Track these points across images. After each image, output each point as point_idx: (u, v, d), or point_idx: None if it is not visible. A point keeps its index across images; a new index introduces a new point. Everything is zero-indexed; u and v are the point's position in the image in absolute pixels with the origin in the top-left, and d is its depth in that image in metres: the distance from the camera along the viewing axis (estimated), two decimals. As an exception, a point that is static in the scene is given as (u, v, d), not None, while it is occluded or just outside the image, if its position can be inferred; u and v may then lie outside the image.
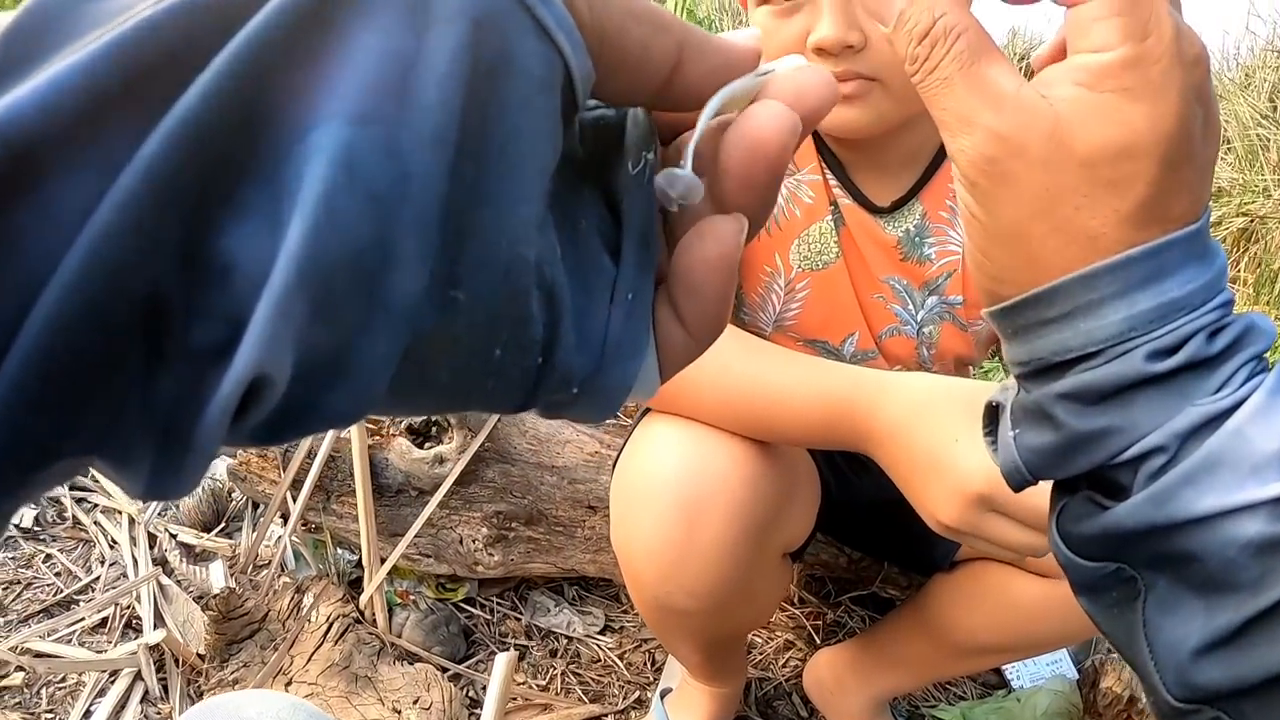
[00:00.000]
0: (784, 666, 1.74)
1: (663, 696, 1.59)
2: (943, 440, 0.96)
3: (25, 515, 2.08)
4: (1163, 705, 0.49)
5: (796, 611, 1.82)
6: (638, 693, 1.70)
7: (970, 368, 1.50)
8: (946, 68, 0.47)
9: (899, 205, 1.26)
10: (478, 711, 1.63)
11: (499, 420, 1.71)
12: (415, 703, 1.54)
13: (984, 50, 0.47)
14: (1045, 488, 0.59)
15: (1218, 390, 0.46)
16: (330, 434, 1.72)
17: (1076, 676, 1.74)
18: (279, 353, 0.22)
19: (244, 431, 0.24)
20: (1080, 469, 0.49)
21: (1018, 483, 0.53)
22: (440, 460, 1.70)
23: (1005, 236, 0.49)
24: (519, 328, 0.27)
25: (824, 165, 1.25)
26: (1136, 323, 0.46)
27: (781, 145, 0.31)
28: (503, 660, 1.35)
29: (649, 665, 1.75)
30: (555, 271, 0.28)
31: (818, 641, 1.77)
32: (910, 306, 1.31)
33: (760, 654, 1.76)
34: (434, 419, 1.74)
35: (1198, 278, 0.47)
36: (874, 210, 1.26)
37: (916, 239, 1.27)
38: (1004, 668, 1.78)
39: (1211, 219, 2.95)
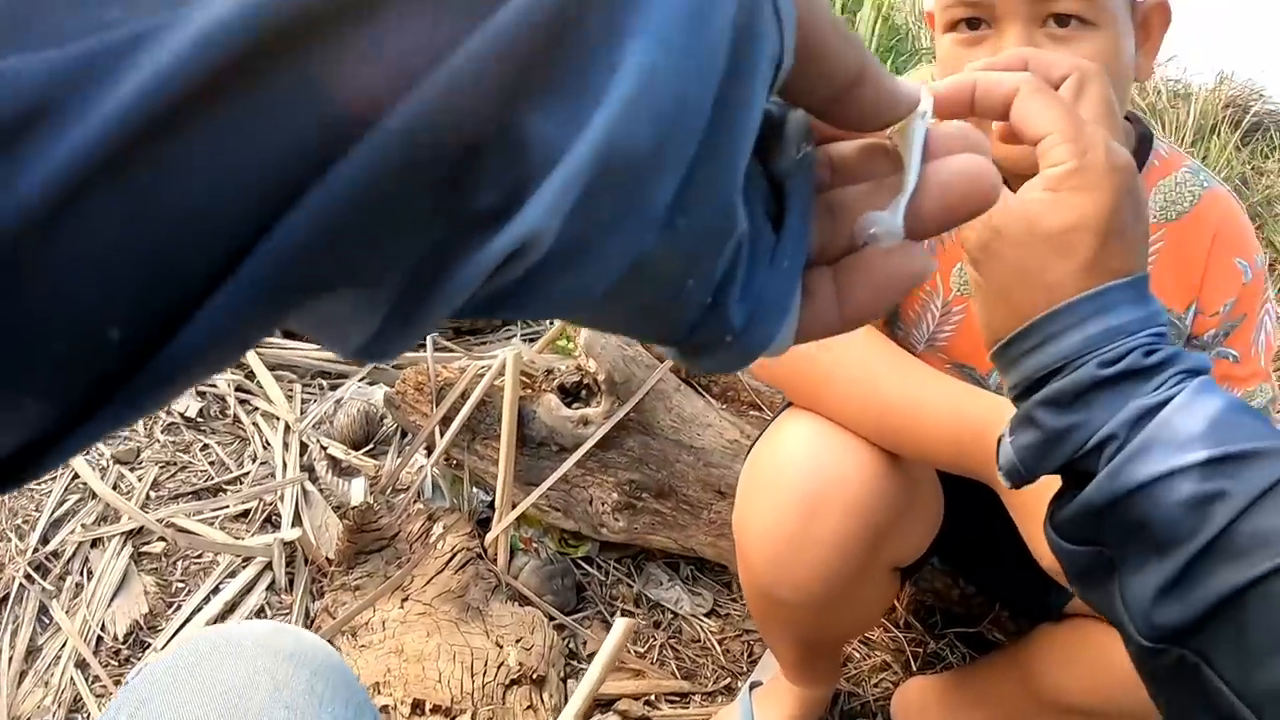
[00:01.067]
0: (875, 685, 1.76)
1: (752, 688, 1.62)
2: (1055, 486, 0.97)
3: (190, 405, 2.21)
4: (1136, 647, 0.64)
5: (899, 634, 1.83)
6: (729, 680, 1.74)
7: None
8: None
9: None
10: (574, 663, 1.69)
11: (647, 394, 1.76)
12: (518, 642, 1.61)
13: None
14: None
15: (1153, 391, 0.64)
16: (486, 378, 1.79)
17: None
18: (552, 220, 0.24)
19: (474, 299, 0.25)
20: (1060, 460, 0.67)
21: (1015, 480, 0.71)
22: (585, 421, 1.76)
23: (996, 295, 0.71)
24: (710, 264, 0.30)
25: None
26: (1089, 343, 0.66)
27: (988, 199, 0.35)
28: (620, 625, 1.39)
29: (746, 655, 1.78)
30: (745, 224, 0.30)
31: (914, 668, 1.77)
32: None
33: (855, 668, 1.78)
34: (586, 381, 1.80)
35: (1136, 313, 0.67)
36: None
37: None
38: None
39: None
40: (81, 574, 1.82)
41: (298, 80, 0.20)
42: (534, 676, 1.56)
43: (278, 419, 2.17)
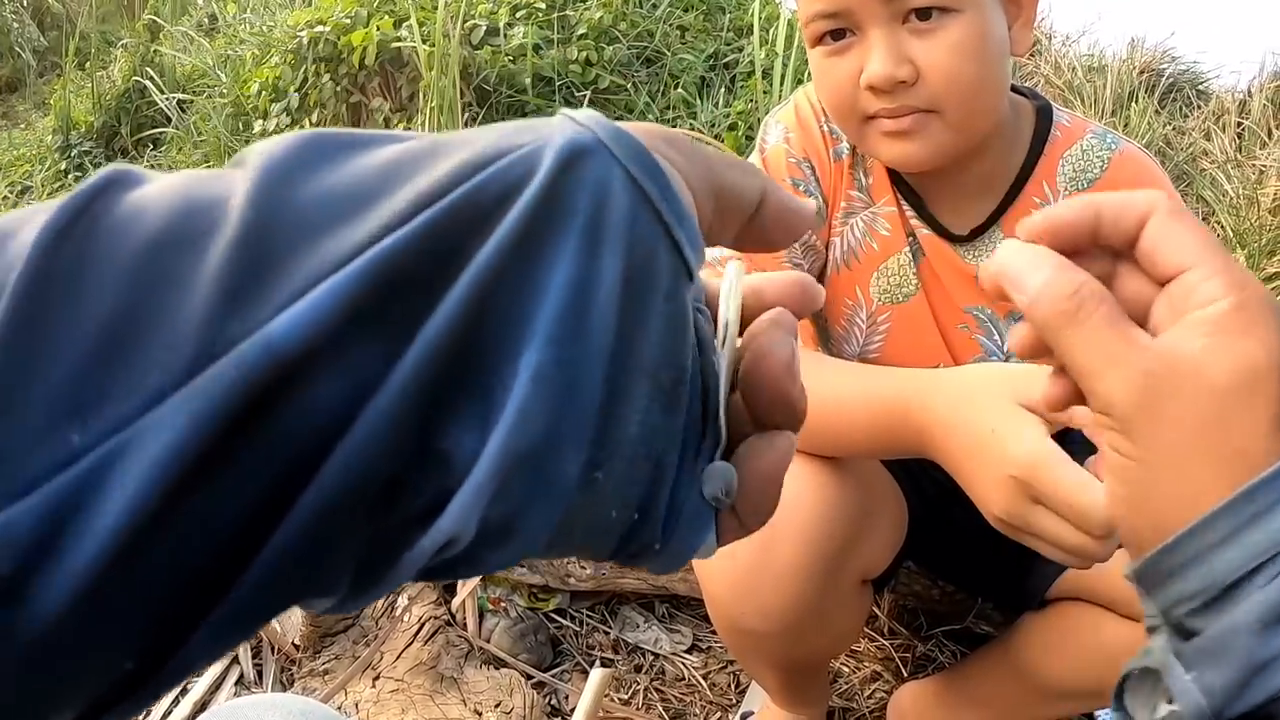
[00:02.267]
0: (869, 697, 1.73)
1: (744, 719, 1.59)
2: (982, 429, 0.94)
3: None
4: None
5: (886, 643, 1.80)
6: (719, 714, 1.70)
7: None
8: (1094, 319, 0.53)
9: (978, 233, 1.23)
10: (558, 720, 1.65)
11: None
12: (497, 706, 1.56)
13: (1119, 307, 0.54)
14: (1085, 481, 0.78)
15: None
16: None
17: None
18: (469, 522, 0.28)
19: (425, 570, 0.29)
20: (1269, 694, 0.47)
21: None
22: (537, 470, 1.72)
23: (1164, 467, 0.52)
24: (631, 492, 0.32)
25: (899, 196, 1.24)
26: None
27: (789, 363, 0.37)
28: (597, 676, 1.36)
29: (733, 687, 1.75)
30: (666, 445, 0.32)
31: (905, 674, 1.74)
32: (995, 336, 1.29)
33: (845, 684, 1.75)
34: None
35: None
36: (953, 239, 1.24)
37: (997, 267, 1.25)
38: (1098, 714, 1.73)
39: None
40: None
41: (254, 457, 0.25)
42: (518, 740, 1.52)
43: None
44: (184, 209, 0.27)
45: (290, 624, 1.82)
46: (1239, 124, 5.39)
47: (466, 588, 1.74)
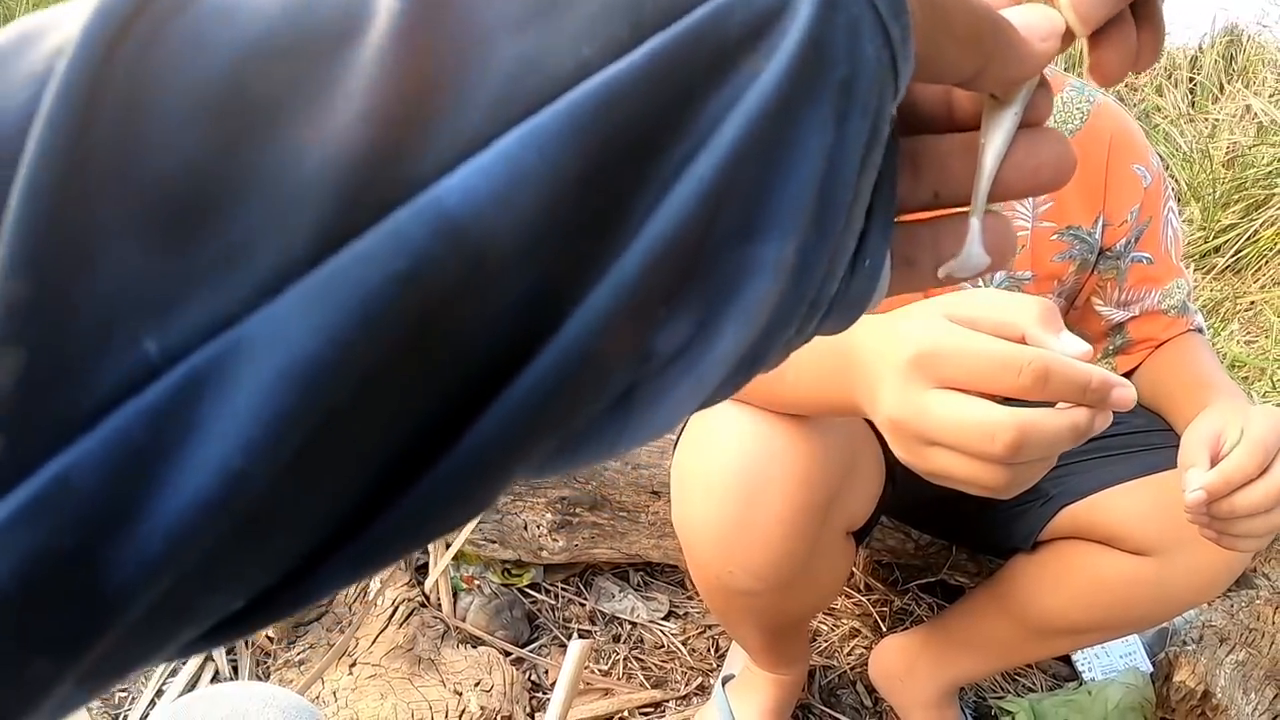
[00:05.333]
0: (849, 655, 1.72)
1: (725, 683, 1.58)
2: (891, 330, 0.85)
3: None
4: None
5: (863, 599, 1.80)
6: (700, 679, 1.69)
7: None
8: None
9: None
10: (539, 695, 1.64)
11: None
12: (477, 685, 1.55)
13: None
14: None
15: None
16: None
17: (1150, 669, 1.69)
18: (671, 424, 0.25)
19: None
20: None
21: None
22: (504, 446, 1.71)
23: None
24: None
25: None
26: None
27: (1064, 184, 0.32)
28: (575, 648, 1.34)
29: (712, 651, 1.74)
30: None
31: (884, 629, 1.74)
32: (979, 282, 1.30)
33: (825, 641, 1.74)
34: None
35: None
36: None
37: (980, 214, 1.25)
38: (1076, 659, 1.74)
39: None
40: (14, 702, 1.74)
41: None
42: (499, 718, 1.50)
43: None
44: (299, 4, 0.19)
45: (263, 615, 1.80)
46: (1191, 80, 5.44)
47: (438, 569, 1.72)
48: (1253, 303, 3.60)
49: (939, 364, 0.79)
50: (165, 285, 0.17)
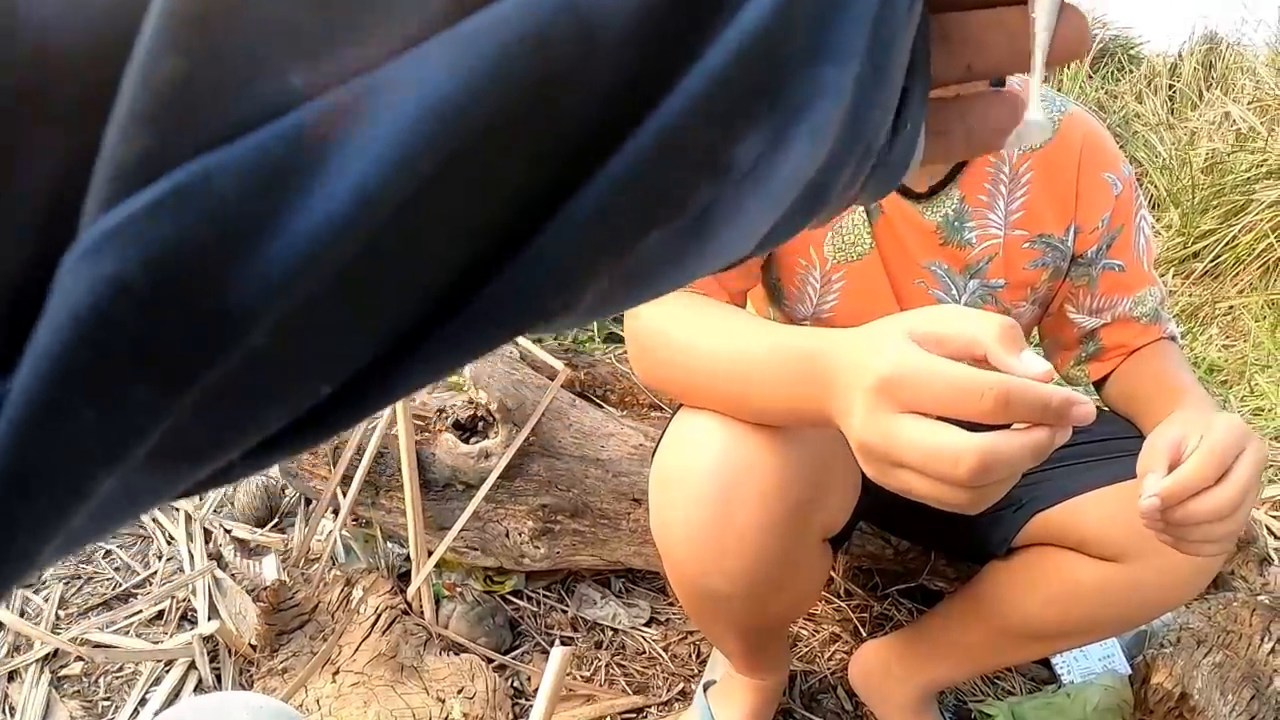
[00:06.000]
0: (829, 659, 1.73)
1: (706, 689, 1.59)
2: (858, 353, 0.87)
3: (86, 513, 2.11)
4: None
5: (842, 604, 1.81)
6: (682, 685, 1.70)
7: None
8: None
9: (936, 191, 1.26)
10: (521, 701, 1.65)
11: (543, 415, 1.72)
12: (459, 692, 1.55)
13: None
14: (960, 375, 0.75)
15: None
16: (378, 430, 1.74)
17: (1129, 672, 1.71)
18: (746, 246, 0.27)
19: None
20: None
21: None
22: (486, 455, 1.71)
23: None
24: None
25: None
26: None
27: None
28: (558, 655, 1.35)
29: (694, 657, 1.75)
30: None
31: (863, 634, 1.75)
32: (953, 291, 1.31)
33: (805, 647, 1.75)
34: (480, 414, 1.75)
35: None
36: (911, 196, 1.26)
37: (956, 223, 1.27)
38: (1054, 663, 1.76)
39: (1273, 197, 2.90)
40: (3, 710, 1.73)
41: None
42: (481, 723, 1.51)
43: (177, 510, 2.09)
44: None
45: (246, 625, 1.80)
46: (1170, 87, 5.47)
47: (420, 576, 1.73)
48: (1231, 307, 3.62)
49: (904, 390, 0.80)
50: (315, 28, 0.18)
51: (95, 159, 0.17)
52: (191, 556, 1.97)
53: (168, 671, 1.76)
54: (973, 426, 0.76)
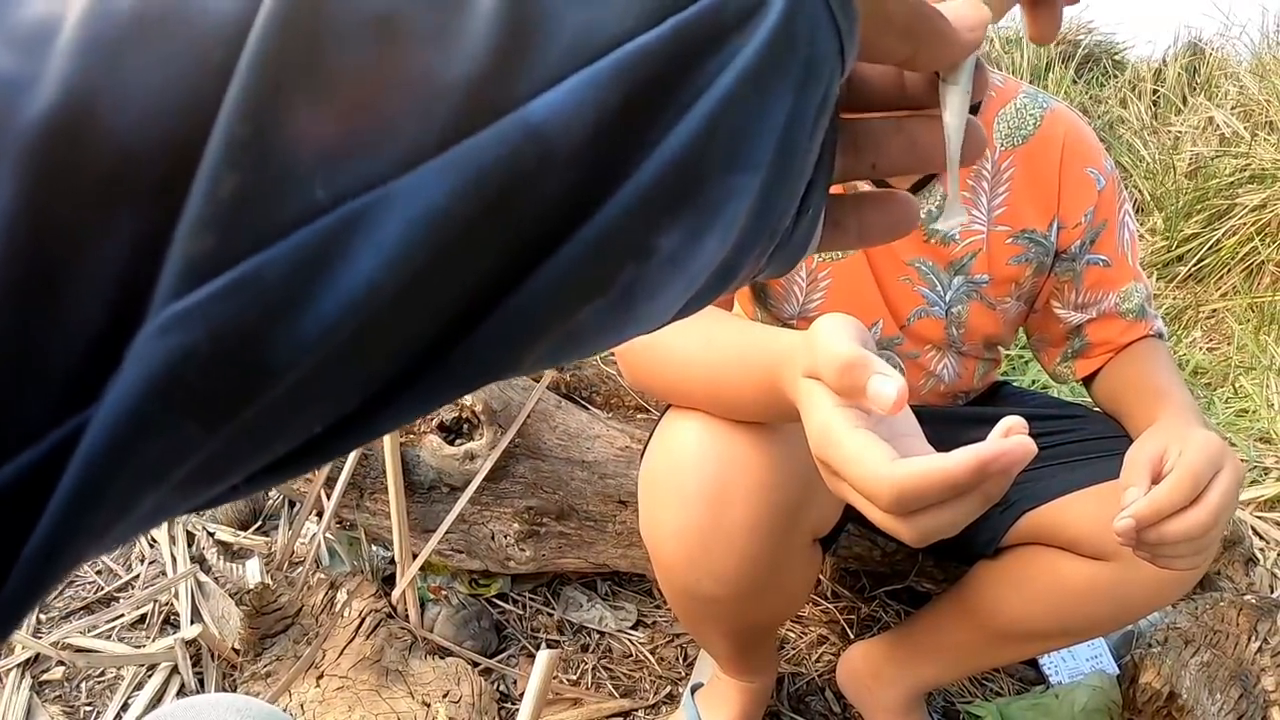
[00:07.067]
0: (817, 661, 1.73)
1: (694, 691, 1.58)
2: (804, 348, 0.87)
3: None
4: None
5: (830, 606, 1.81)
6: (669, 688, 1.69)
7: (1000, 348, 1.49)
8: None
9: (919, 188, 1.26)
10: (508, 705, 1.64)
11: (529, 416, 1.72)
12: (445, 696, 1.54)
13: None
14: (865, 454, 0.74)
15: None
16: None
17: (1117, 672, 1.71)
18: (667, 315, 0.32)
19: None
20: None
21: None
22: (471, 457, 1.70)
23: None
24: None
25: None
26: None
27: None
28: (544, 658, 1.34)
29: (681, 660, 1.74)
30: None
31: (851, 636, 1.75)
32: (938, 287, 1.31)
33: (793, 648, 1.75)
34: (465, 415, 1.74)
35: None
36: None
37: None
38: (1042, 663, 1.75)
39: (1256, 201, 2.93)
40: (-18, 718, 1.72)
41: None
42: (467, 727, 1.50)
43: (160, 516, 2.08)
44: None
45: (229, 628, 1.79)
46: (1154, 92, 5.50)
47: (405, 579, 1.71)
48: (1215, 310, 3.64)
49: (830, 467, 0.80)
50: (335, 149, 0.23)
51: (161, 238, 0.22)
52: (174, 560, 1.96)
53: (150, 676, 1.75)
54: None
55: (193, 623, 1.81)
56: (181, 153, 0.22)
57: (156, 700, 1.71)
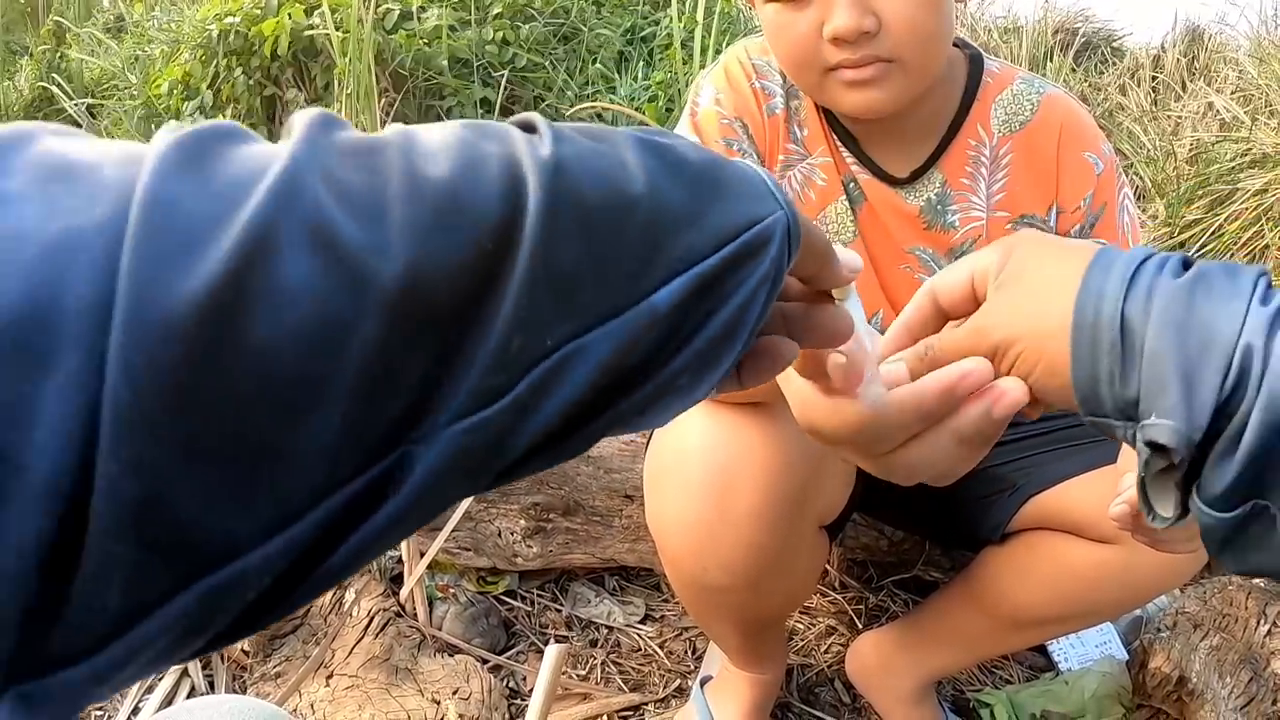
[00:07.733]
0: (826, 652, 1.73)
1: (703, 684, 1.58)
2: None
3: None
4: None
5: (838, 596, 1.81)
6: (678, 681, 1.70)
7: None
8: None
9: (918, 175, 1.25)
10: (517, 702, 1.64)
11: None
12: (454, 693, 1.54)
13: None
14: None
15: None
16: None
17: (1126, 657, 1.70)
18: (664, 417, 0.49)
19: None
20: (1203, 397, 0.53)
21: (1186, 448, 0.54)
22: (477, 453, 1.70)
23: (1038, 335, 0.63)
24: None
25: (835, 145, 1.25)
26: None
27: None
28: (552, 653, 1.34)
29: (690, 654, 1.74)
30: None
31: (860, 626, 1.75)
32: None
33: (801, 640, 1.75)
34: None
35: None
36: (893, 182, 1.26)
37: (939, 207, 1.26)
38: (1052, 650, 1.75)
39: (1258, 186, 2.91)
40: (-10, 723, 1.72)
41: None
42: (478, 724, 1.50)
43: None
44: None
45: (238, 630, 1.79)
46: (1154, 78, 5.48)
47: (413, 578, 1.72)
48: (1219, 296, 3.62)
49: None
50: (566, 317, 0.38)
51: (444, 365, 0.36)
52: (182, 564, 1.96)
53: (160, 678, 1.74)
54: None
55: (202, 625, 1.81)
56: (462, 312, 0.35)
57: (167, 702, 1.71)
